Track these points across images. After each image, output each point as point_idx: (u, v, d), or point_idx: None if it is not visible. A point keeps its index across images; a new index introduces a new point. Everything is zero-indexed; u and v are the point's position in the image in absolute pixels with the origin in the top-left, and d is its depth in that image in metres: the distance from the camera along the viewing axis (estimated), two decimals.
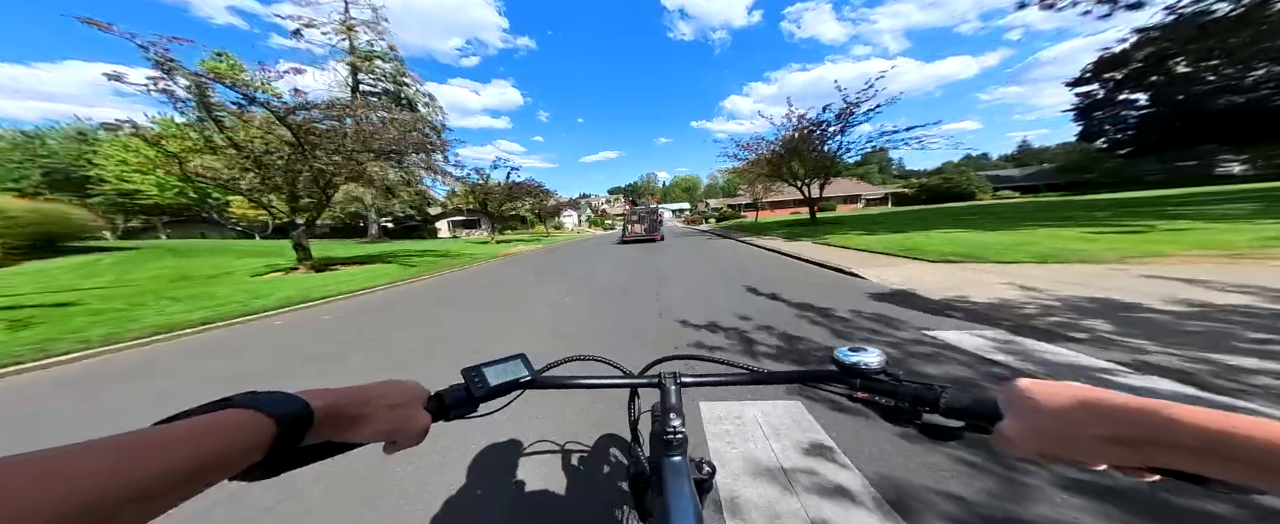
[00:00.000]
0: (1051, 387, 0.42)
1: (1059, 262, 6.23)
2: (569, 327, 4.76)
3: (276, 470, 0.39)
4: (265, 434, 0.36)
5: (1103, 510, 1.47)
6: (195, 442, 0.32)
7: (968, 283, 5.34)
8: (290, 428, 0.38)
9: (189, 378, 3.85)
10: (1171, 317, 3.46)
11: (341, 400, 0.44)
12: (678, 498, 0.52)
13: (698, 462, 0.69)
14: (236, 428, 0.35)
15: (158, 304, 7.07)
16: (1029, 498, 1.56)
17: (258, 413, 0.36)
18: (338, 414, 0.43)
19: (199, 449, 0.31)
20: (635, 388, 0.80)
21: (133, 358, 4.60)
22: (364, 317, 6.22)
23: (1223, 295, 3.91)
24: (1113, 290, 4.39)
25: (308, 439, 0.40)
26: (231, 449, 0.34)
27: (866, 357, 0.61)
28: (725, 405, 2.38)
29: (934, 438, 0.51)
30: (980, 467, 1.73)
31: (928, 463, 1.77)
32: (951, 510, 1.53)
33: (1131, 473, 0.37)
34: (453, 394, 0.58)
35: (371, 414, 0.47)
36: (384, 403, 0.49)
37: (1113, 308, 3.81)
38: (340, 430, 0.44)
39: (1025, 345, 3.13)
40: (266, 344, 4.94)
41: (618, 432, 2.12)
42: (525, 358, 0.68)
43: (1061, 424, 0.39)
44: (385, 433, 0.48)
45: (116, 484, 0.26)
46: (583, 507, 1.71)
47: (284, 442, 0.37)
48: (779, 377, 0.70)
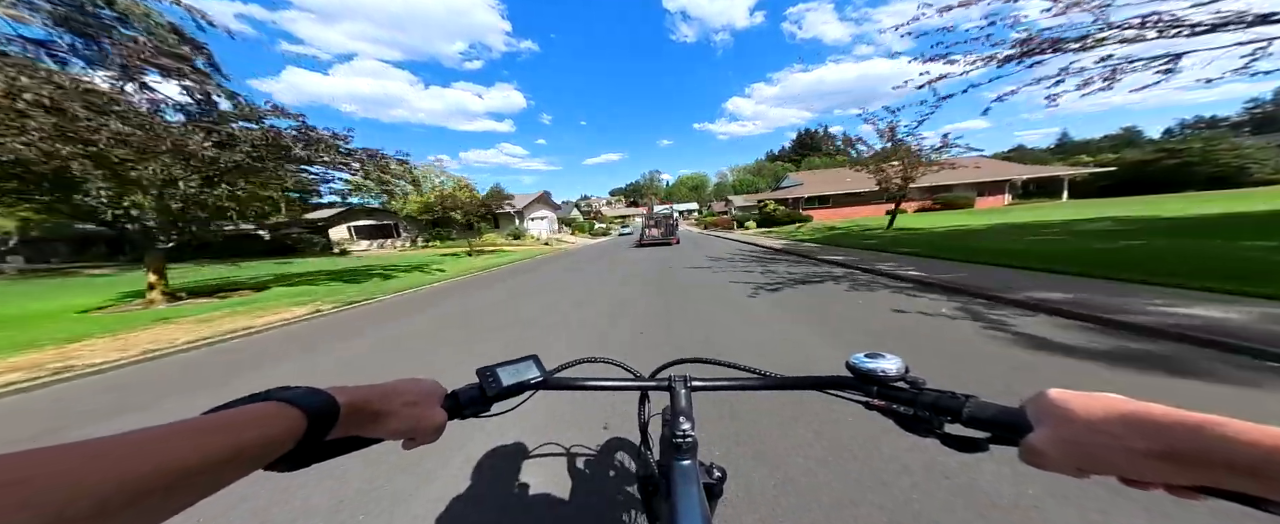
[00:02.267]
0: (1086, 397, 0.39)
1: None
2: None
3: (304, 462, 0.41)
4: (297, 426, 0.38)
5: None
6: (235, 431, 0.34)
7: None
8: (318, 421, 0.40)
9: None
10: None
11: (365, 397, 0.46)
12: (686, 503, 0.52)
13: (708, 466, 0.67)
14: (271, 419, 0.37)
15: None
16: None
17: (290, 406, 0.39)
18: (361, 409, 0.45)
19: (238, 438, 0.34)
20: (645, 391, 0.81)
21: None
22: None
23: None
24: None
25: (333, 433, 0.42)
26: (266, 439, 0.36)
27: (884, 363, 0.58)
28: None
29: (957, 449, 0.49)
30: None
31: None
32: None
33: (1180, 493, 0.34)
34: (467, 393, 0.60)
35: (392, 411, 0.49)
36: (403, 400, 0.51)
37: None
38: (363, 426, 0.47)
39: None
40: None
41: (625, 434, 2.17)
42: (537, 359, 0.69)
43: (1100, 437, 0.36)
44: (405, 429, 0.50)
45: (160, 468, 0.28)
46: (590, 510, 1.73)
47: (312, 434, 0.39)
48: (791, 382, 0.68)
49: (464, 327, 5.78)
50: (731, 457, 2.06)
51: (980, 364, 3.09)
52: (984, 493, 1.69)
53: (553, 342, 4.59)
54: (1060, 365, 3.00)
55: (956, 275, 6.44)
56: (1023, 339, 3.56)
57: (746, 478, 1.89)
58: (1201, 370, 2.77)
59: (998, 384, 2.73)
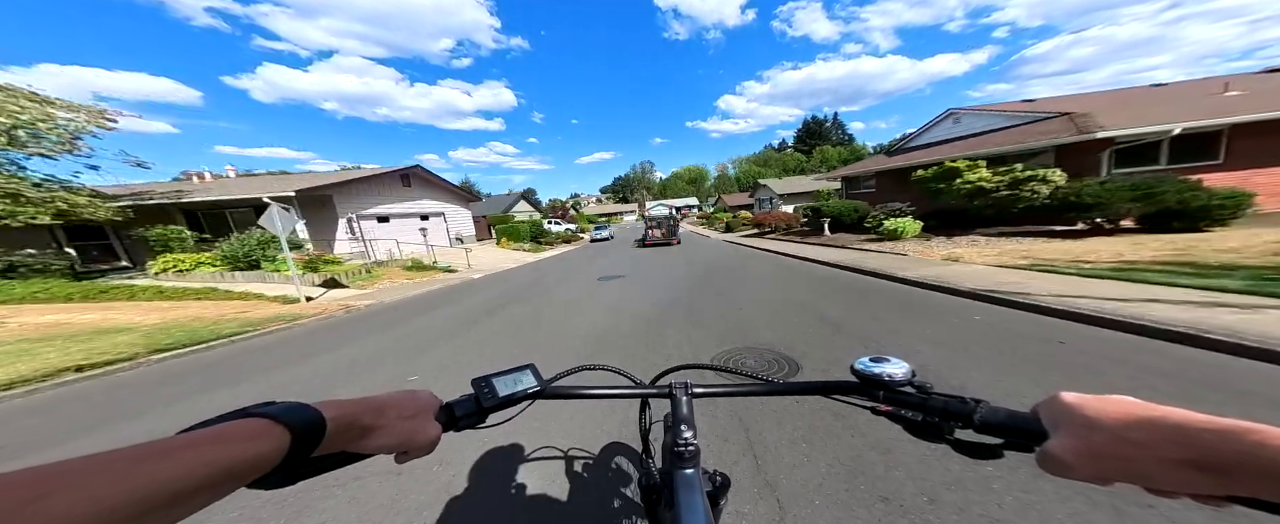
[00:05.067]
0: (1101, 401, 0.38)
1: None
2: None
3: (291, 480, 0.40)
4: (280, 442, 0.36)
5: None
6: (214, 449, 0.32)
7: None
8: (303, 437, 0.38)
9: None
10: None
11: (354, 411, 0.45)
12: (689, 513, 0.51)
13: (711, 473, 0.67)
14: (252, 435, 0.35)
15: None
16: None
17: (272, 422, 0.37)
18: (351, 424, 0.44)
19: (217, 456, 0.32)
20: (646, 398, 0.77)
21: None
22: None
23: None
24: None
25: (322, 449, 0.41)
26: (247, 457, 0.34)
27: (890, 367, 0.57)
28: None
29: (970, 456, 0.48)
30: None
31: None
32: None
33: (1207, 501, 0.33)
34: (462, 405, 0.59)
35: (384, 425, 0.47)
36: (396, 413, 0.49)
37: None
38: (353, 440, 0.45)
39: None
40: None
41: (625, 440, 2.19)
42: (534, 368, 0.68)
43: (1123, 446, 0.35)
44: (397, 444, 0.49)
45: (134, 489, 0.27)
46: (590, 516, 1.74)
47: (298, 450, 0.38)
48: (794, 388, 0.66)
49: None
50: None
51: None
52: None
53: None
54: None
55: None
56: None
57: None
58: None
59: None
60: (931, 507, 1.71)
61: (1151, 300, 4.04)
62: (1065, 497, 1.68)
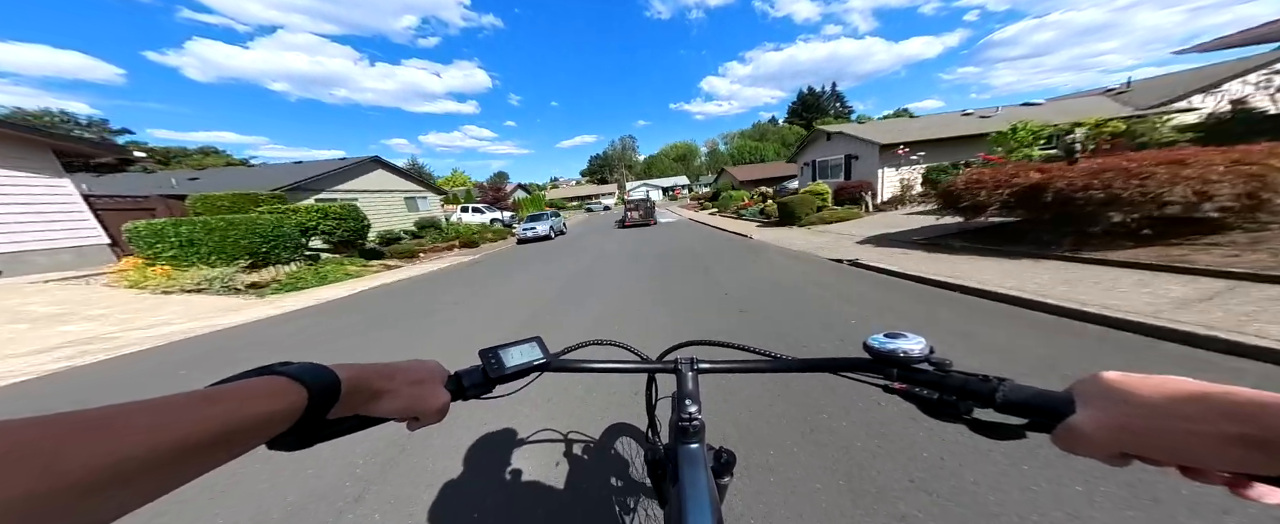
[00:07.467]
0: (1145, 378, 0.36)
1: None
2: None
3: (307, 442, 0.40)
4: (298, 400, 0.37)
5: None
6: (236, 404, 0.33)
7: None
8: (320, 397, 0.39)
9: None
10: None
11: (367, 374, 0.45)
12: (693, 487, 0.51)
13: (716, 449, 0.65)
14: (273, 393, 0.36)
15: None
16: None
17: (291, 381, 0.38)
18: (364, 387, 0.44)
19: (238, 411, 0.32)
20: (653, 373, 0.78)
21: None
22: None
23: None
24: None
25: (336, 412, 0.41)
26: (267, 413, 0.34)
27: (906, 343, 0.53)
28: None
29: (989, 437, 0.45)
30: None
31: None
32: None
33: (1239, 486, 0.32)
34: (470, 375, 0.59)
35: (395, 390, 0.48)
36: (407, 379, 0.50)
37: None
38: (366, 403, 0.45)
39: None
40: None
41: (628, 420, 2.19)
42: (541, 341, 0.68)
43: (1163, 419, 0.33)
44: (408, 409, 0.49)
45: (158, 441, 0.27)
46: (594, 493, 1.73)
47: (314, 411, 0.38)
48: (804, 364, 0.64)
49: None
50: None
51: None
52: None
53: None
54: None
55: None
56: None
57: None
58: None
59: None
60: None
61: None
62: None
